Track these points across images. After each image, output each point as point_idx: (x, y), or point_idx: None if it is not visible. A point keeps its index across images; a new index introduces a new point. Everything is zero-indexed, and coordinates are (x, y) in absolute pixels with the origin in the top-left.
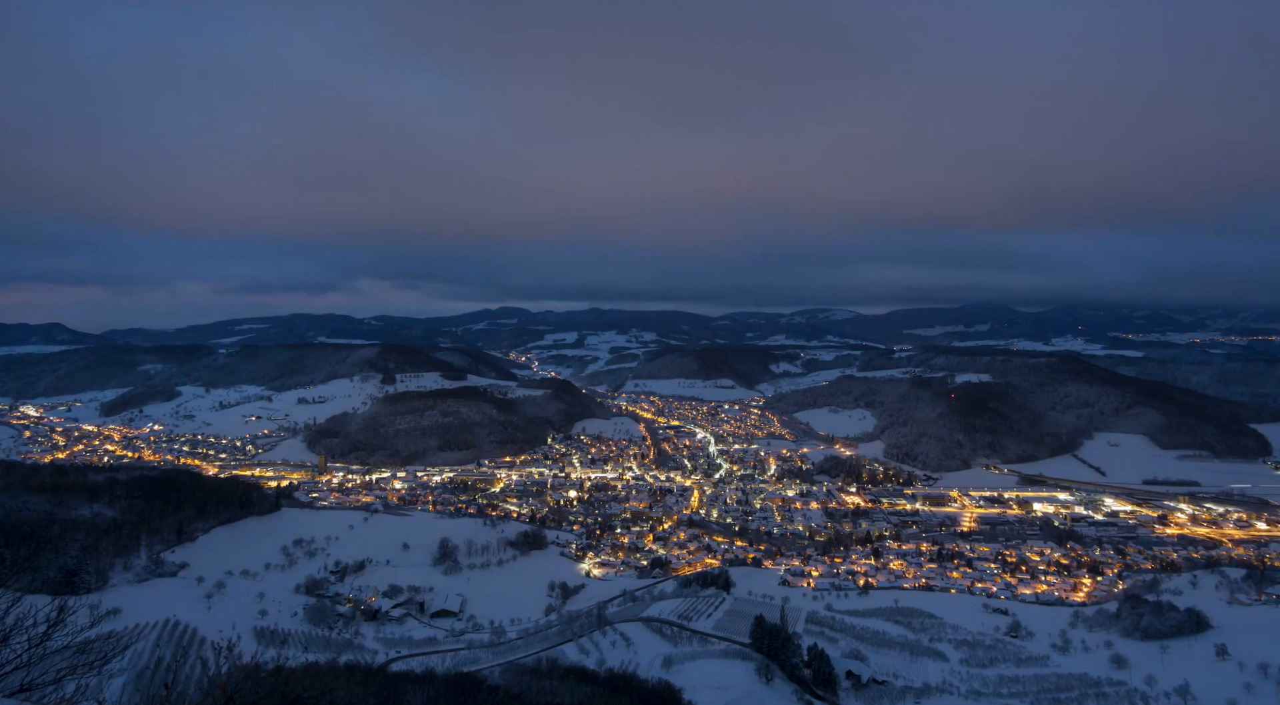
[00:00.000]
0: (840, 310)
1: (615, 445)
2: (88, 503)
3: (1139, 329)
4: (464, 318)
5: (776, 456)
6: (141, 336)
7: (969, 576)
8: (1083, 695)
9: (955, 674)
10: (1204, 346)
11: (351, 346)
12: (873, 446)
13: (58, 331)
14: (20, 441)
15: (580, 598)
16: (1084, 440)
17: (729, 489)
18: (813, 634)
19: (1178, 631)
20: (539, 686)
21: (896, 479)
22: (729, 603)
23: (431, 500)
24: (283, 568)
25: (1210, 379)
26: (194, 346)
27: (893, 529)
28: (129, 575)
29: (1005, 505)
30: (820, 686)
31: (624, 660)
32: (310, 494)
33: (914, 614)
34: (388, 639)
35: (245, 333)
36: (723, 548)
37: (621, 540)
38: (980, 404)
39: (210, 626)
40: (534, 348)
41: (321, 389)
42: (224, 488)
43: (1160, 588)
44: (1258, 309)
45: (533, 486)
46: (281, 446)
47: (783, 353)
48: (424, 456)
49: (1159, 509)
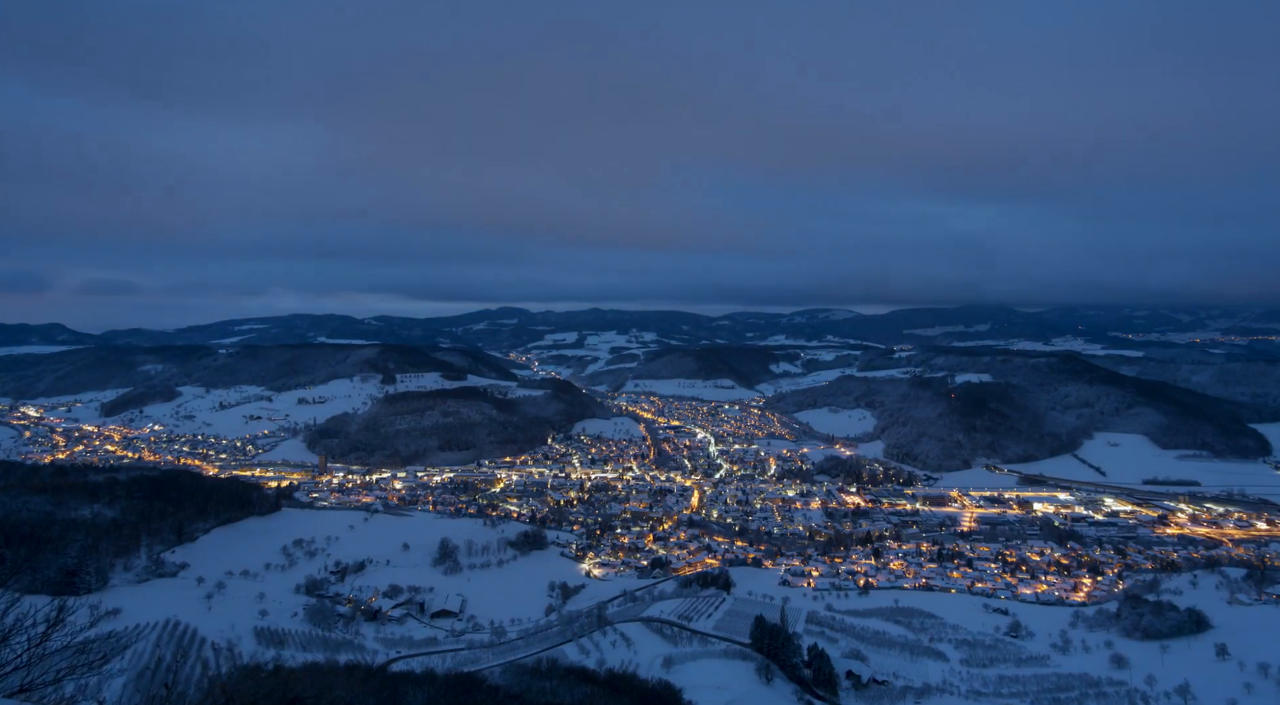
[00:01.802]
0: (840, 310)
1: (615, 445)
2: (88, 503)
3: (1139, 329)
4: (464, 318)
5: (776, 456)
6: (141, 337)
7: (969, 576)
8: (1083, 695)
9: (955, 674)
10: (1204, 346)
11: (351, 346)
12: (873, 446)
13: (58, 331)
14: (20, 442)
15: (580, 598)
16: (1084, 440)
17: (729, 489)
18: (813, 634)
19: (1178, 631)
20: (539, 686)
21: (896, 479)
22: (729, 603)
23: (432, 500)
24: (283, 568)
25: (1210, 379)
26: (194, 347)
27: (893, 529)
28: (129, 575)
29: (1005, 505)
30: (820, 686)
31: (624, 660)
32: (310, 494)
33: (914, 614)
34: (388, 639)
35: (245, 333)
36: (723, 548)
37: (622, 540)
38: (980, 404)
39: (210, 627)
40: (534, 348)
41: (321, 389)
42: (224, 488)
43: (1160, 588)
44: (1258, 309)
45: (533, 487)
46: (281, 447)
47: (783, 353)
48: (424, 457)
49: (1159, 509)
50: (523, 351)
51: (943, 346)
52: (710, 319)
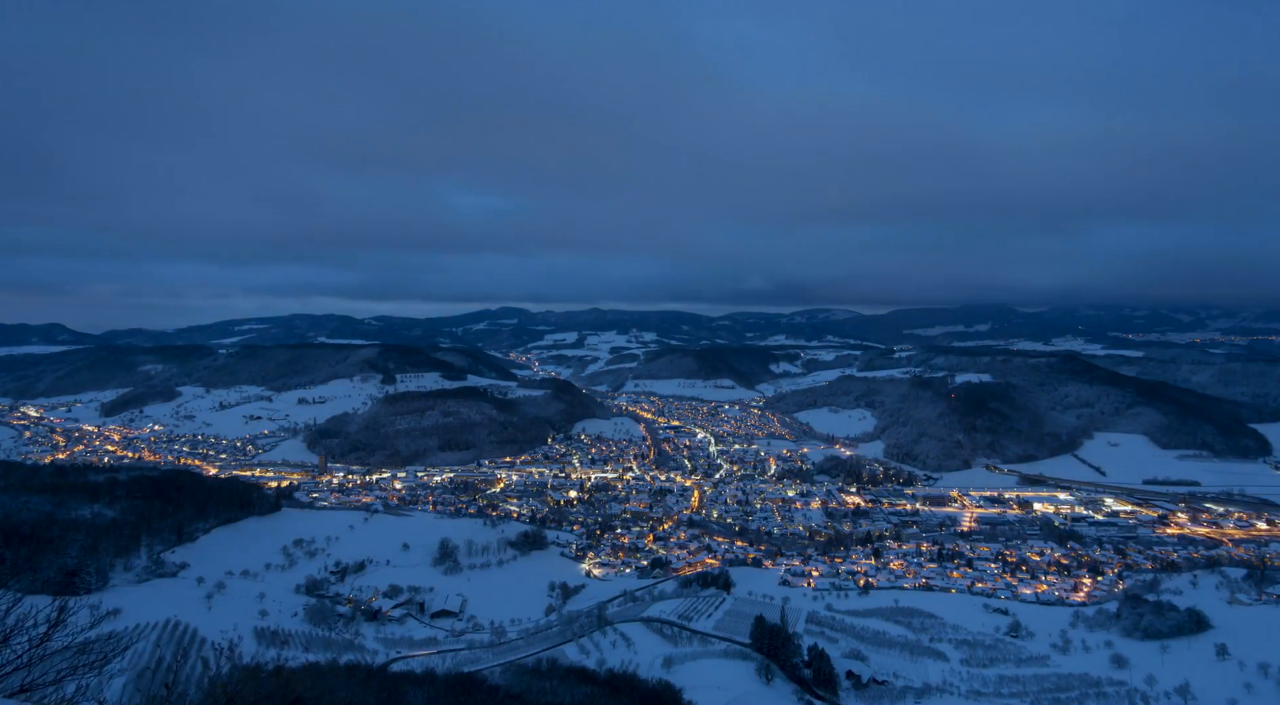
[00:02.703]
0: (840, 310)
1: (615, 445)
2: (88, 503)
3: (1139, 329)
4: (464, 318)
5: (776, 456)
6: (141, 337)
7: (969, 576)
8: (1083, 695)
9: (955, 674)
10: (1204, 346)
11: (351, 346)
12: (873, 446)
13: (58, 331)
14: (20, 442)
15: (580, 598)
16: (1084, 440)
17: (729, 489)
18: (813, 634)
19: (1178, 631)
20: (539, 686)
21: (896, 479)
22: (729, 603)
23: (432, 500)
24: (283, 568)
25: (1210, 379)
26: (194, 347)
27: (893, 529)
28: (129, 575)
29: (1005, 505)
30: (820, 686)
31: (624, 660)
32: (310, 494)
33: (914, 614)
34: (388, 639)
35: (245, 333)
36: (723, 548)
37: (622, 540)
38: (980, 404)
39: (210, 627)
40: (534, 348)
41: (321, 389)
42: (224, 488)
43: (1160, 588)
44: (1258, 309)
45: (533, 487)
46: (281, 447)
47: (783, 353)
48: (424, 457)
49: (1159, 509)
50: (523, 351)
51: (943, 346)
52: (710, 319)
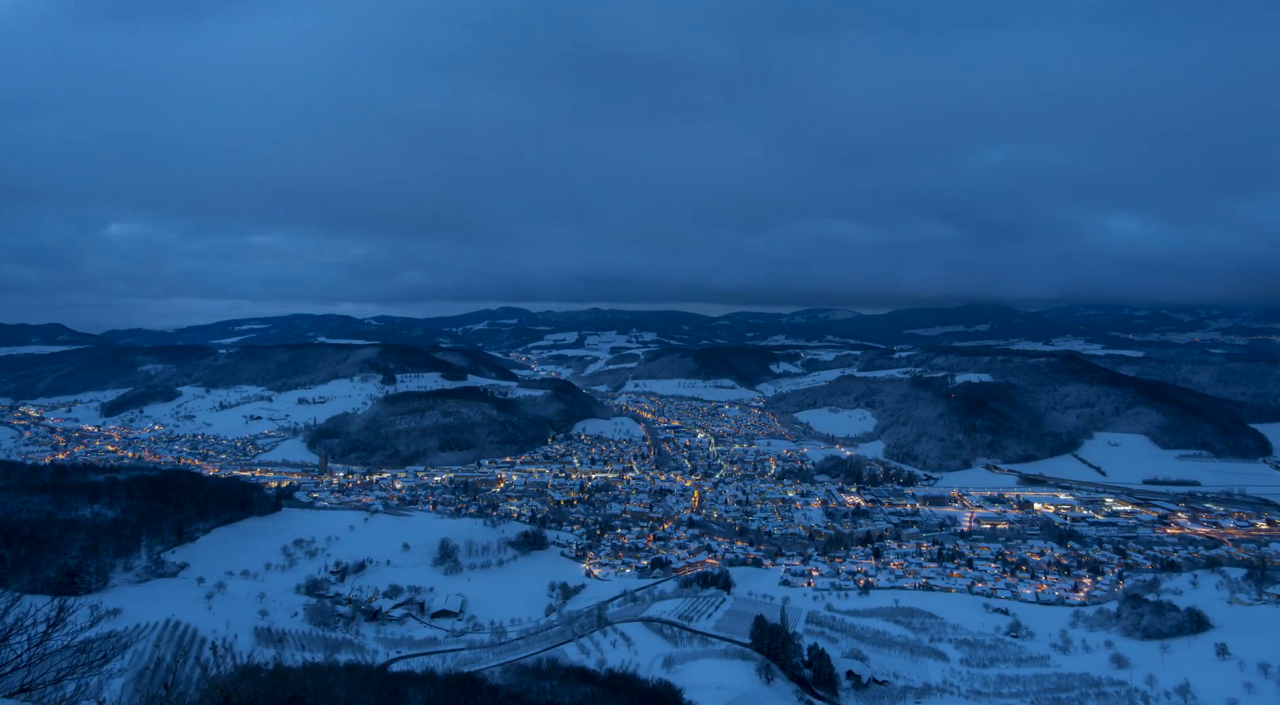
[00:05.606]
0: (840, 310)
1: (615, 445)
2: (88, 503)
3: (1139, 329)
4: (464, 318)
5: (777, 456)
6: (141, 337)
7: (969, 576)
8: (1083, 695)
9: (956, 674)
10: (1204, 346)
11: (352, 346)
12: (873, 446)
13: (58, 332)
14: (20, 442)
15: (581, 598)
16: (1084, 440)
17: (729, 489)
18: (813, 634)
19: (1178, 631)
20: (539, 686)
21: (897, 479)
22: (729, 603)
23: (432, 500)
24: (283, 568)
25: (1210, 379)
26: (194, 347)
27: (893, 529)
28: (129, 575)
29: (1005, 505)
30: (821, 686)
31: (624, 660)
32: (311, 494)
33: (914, 614)
34: (388, 639)
35: (245, 333)
36: (723, 548)
37: (622, 540)
38: (980, 404)
39: (210, 627)
40: (534, 348)
41: (322, 389)
42: (224, 488)
43: (1160, 587)
44: (1258, 309)
45: (533, 487)
46: (282, 447)
47: (783, 353)
48: (424, 456)
49: (1159, 509)
50: (523, 351)
51: (943, 346)
52: (710, 319)
